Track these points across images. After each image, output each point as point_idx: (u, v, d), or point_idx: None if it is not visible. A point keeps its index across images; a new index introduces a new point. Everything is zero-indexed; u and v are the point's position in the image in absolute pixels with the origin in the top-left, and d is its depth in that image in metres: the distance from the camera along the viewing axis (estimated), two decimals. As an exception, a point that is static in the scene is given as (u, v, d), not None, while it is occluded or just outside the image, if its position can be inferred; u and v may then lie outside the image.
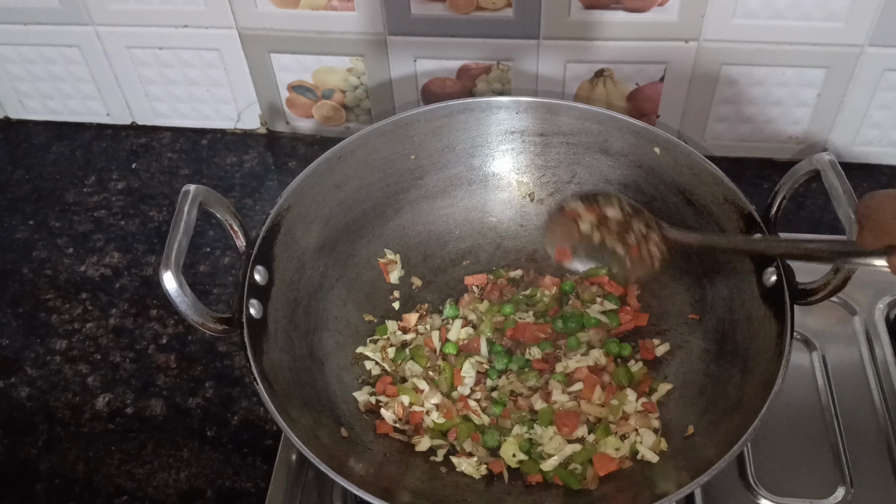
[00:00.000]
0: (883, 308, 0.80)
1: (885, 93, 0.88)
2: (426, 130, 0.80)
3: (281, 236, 0.71)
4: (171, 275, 0.59)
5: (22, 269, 0.90)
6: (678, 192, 0.76)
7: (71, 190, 0.98)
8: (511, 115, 0.81)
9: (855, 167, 0.94)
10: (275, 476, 0.71)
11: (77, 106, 1.03)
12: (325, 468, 0.58)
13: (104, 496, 0.72)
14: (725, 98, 0.90)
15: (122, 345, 0.83)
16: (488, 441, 0.70)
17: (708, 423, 0.66)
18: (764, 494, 0.68)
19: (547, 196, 0.84)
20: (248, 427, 0.76)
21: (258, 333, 0.66)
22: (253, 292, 0.67)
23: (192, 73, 0.96)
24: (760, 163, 0.96)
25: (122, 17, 0.92)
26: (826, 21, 0.82)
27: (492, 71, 0.91)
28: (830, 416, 0.73)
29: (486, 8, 0.85)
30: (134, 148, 1.02)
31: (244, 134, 1.03)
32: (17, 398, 0.79)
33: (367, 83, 0.94)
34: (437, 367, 0.75)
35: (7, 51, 0.98)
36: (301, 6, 0.88)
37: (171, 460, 0.74)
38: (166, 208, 0.95)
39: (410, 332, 0.78)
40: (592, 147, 0.81)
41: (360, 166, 0.78)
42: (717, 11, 0.82)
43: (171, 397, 0.79)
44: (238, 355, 0.81)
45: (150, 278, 0.88)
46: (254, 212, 0.94)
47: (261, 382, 0.62)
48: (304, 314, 0.73)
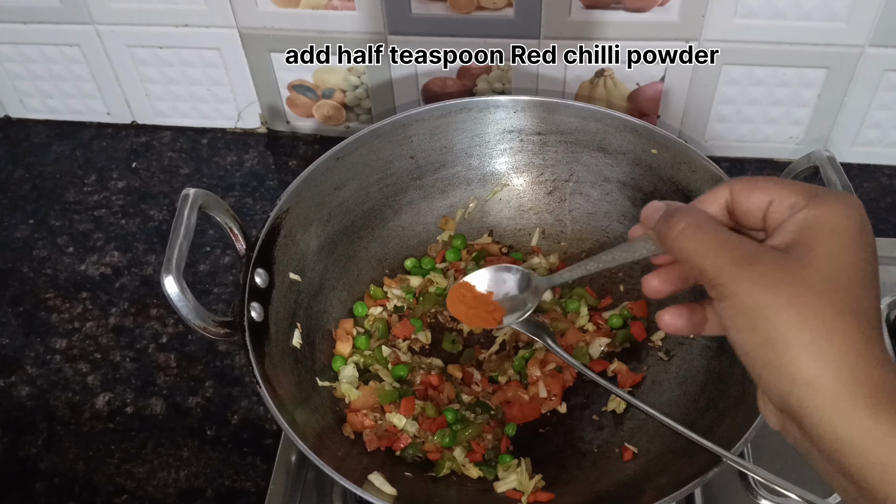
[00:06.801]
0: (883, 308, 0.80)
1: (886, 93, 0.88)
2: (424, 131, 0.80)
3: (281, 238, 0.71)
4: (173, 279, 0.59)
5: (22, 268, 0.90)
6: (677, 190, 0.76)
7: (71, 189, 0.98)
8: (509, 115, 0.81)
9: (855, 167, 0.94)
10: (275, 476, 0.71)
11: (77, 105, 1.03)
12: (326, 468, 0.59)
13: (104, 495, 0.73)
14: (726, 98, 0.90)
15: (122, 344, 0.83)
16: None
17: (709, 421, 0.67)
18: (764, 495, 0.68)
19: (546, 195, 0.84)
20: (248, 426, 0.76)
21: (259, 336, 0.66)
22: (254, 295, 0.67)
23: (193, 72, 0.96)
24: (760, 163, 0.96)
25: (123, 16, 0.92)
26: (827, 21, 0.82)
27: (492, 71, 0.91)
28: (830, 416, 0.73)
29: (486, 7, 0.85)
30: (134, 147, 1.02)
31: (244, 133, 1.03)
32: (17, 397, 0.80)
33: (368, 83, 0.94)
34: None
35: (7, 50, 0.98)
36: (301, 5, 0.87)
37: (170, 459, 0.75)
38: (166, 207, 0.95)
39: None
40: (590, 145, 0.81)
41: (359, 167, 0.78)
42: (717, 11, 0.82)
43: (171, 396, 0.79)
44: (238, 354, 0.81)
45: (151, 277, 0.89)
46: (254, 211, 0.94)
47: (263, 385, 0.62)
48: (304, 316, 0.74)
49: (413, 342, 0.77)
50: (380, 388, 0.72)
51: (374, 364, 0.75)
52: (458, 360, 0.76)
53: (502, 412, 0.72)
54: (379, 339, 0.77)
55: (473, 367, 0.75)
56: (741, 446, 0.58)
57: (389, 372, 0.74)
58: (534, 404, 0.73)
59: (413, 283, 0.80)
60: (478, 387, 0.74)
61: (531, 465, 0.69)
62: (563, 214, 0.84)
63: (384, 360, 0.75)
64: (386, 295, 0.80)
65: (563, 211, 0.84)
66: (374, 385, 0.73)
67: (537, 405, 0.73)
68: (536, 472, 0.68)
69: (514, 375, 0.75)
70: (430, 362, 0.76)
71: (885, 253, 0.84)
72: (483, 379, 0.74)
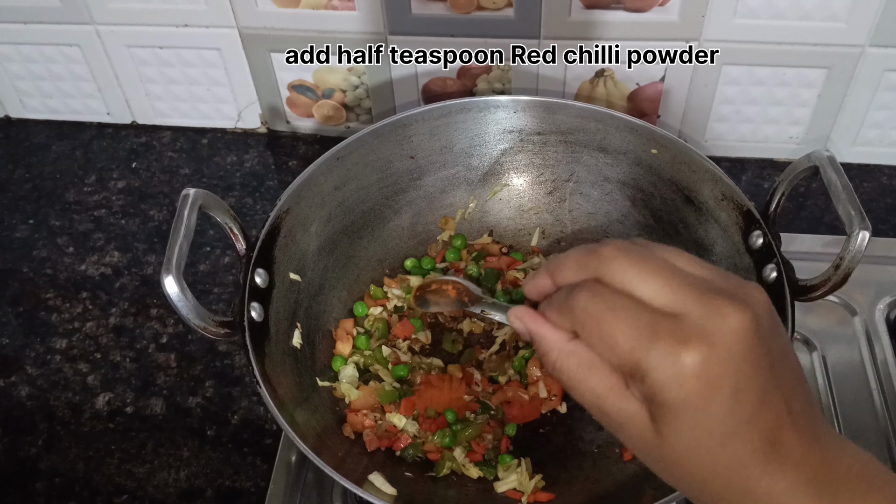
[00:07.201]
0: (883, 308, 0.80)
1: (886, 93, 0.88)
2: (424, 131, 0.80)
3: (281, 239, 0.71)
4: (173, 279, 0.59)
5: (22, 269, 0.90)
6: (677, 190, 0.76)
7: (71, 189, 0.98)
8: (509, 115, 0.81)
9: (855, 167, 0.94)
10: (275, 476, 0.71)
11: (77, 105, 1.03)
12: (326, 468, 0.59)
13: (104, 495, 0.73)
14: (726, 98, 0.90)
15: (122, 344, 0.83)
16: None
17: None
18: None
19: (546, 195, 0.84)
20: (248, 426, 0.76)
21: (260, 336, 0.66)
22: (254, 295, 0.67)
23: (193, 72, 0.96)
24: (761, 163, 0.96)
25: (123, 16, 0.92)
26: (827, 21, 0.82)
27: (492, 71, 0.91)
28: (830, 416, 0.73)
29: (486, 7, 0.85)
30: (134, 147, 1.02)
31: (244, 133, 1.03)
32: (17, 397, 0.80)
33: (368, 83, 0.94)
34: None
35: (7, 50, 0.98)
36: (301, 5, 0.87)
37: (170, 459, 0.75)
38: (166, 208, 0.95)
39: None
40: (590, 145, 0.81)
41: (359, 167, 0.78)
42: (717, 11, 0.82)
43: (171, 396, 0.79)
44: (238, 354, 0.81)
45: (151, 277, 0.89)
46: (254, 211, 0.94)
47: (263, 385, 0.62)
48: (304, 316, 0.74)
49: (413, 342, 0.77)
50: (380, 388, 0.72)
51: (374, 364, 0.75)
52: (458, 360, 0.76)
53: (502, 412, 0.72)
54: (379, 339, 0.77)
55: (473, 367, 0.75)
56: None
57: (389, 372, 0.74)
58: (534, 404, 0.73)
59: (413, 283, 0.80)
60: (478, 387, 0.74)
61: (531, 465, 0.69)
62: (563, 214, 0.84)
63: (384, 360, 0.75)
64: (386, 295, 0.80)
65: (563, 211, 0.84)
66: (374, 385, 0.73)
67: (537, 405, 0.73)
68: (536, 472, 0.68)
69: (515, 375, 0.75)
70: (430, 362, 0.76)
71: (885, 253, 0.84)
72: (483, 379, 0.74)
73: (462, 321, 0.79)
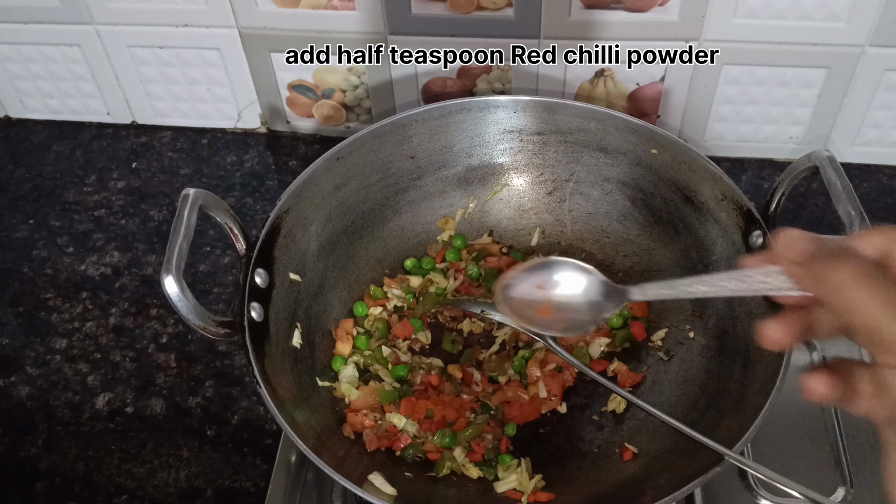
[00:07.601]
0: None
1: (886, 93, 0.88)
2: (424, 131, 0.80)
3: (280, 239, 0.71)
4: (173, 279, 0.59)
5: (22, 269, 0.90)
6: (677, 190, 0.76)
7: (71, 189, 0.98)
8: (509, 115, 0.81)
9: (855, 167, 0.94)
10: (275, 476, 0.71)
11: (77, 105, 1.03)
12: (326, 468, 0.59)
13: (104, 495, 0.73)
14: (726, 98, 0.90)
15: (122, 344, 0.83)
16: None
17: (709, 421, 0.66)
18: (764, 495, 0.68)
19: (546, 195, 0.84)
20: (248, 426, 0.76)
21: (260, 336, 0.66)
22: (254, 295, 0.67)
23: (193, 72, 0.96)
24: (761, 163, 0.96)
25: (123, 16, 0.92)
26: (827, 21, 0.82)
27: (492, 71, 0.91)
28: (830, 416, 0.73)
29: (486, 7, 0.85)
30: (134, 147, 1.02)
31: (244, 133, 1.03)
32: (17, 397, 0.80)
33: (368, 83, 0.94)
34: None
35: (7, 50, 0.98)
36: (301, 5, 0.87)
37: (170, 459, 0.75)
38: (166, 208, 0.95)
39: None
40: (590, 145, 0.81)
41: (359, 168, 0.78)
42: (717, 11, 0.82)
43: (171, 396, 0.79)
44: (238, 354, 0.81)
45: (151, 277, 0.89)
46: (254, 211, 0.94)
47: (263, 385, 0.62)
48: (304, 316, 0.74)
49: (413, 342, 0.77)
50: (380, 388, 0.72)
51: (374, 364, 0.75)
52: (458, 360, 0.76)
53: (502, 412, 0.72)
54: (379, 339, 0.77)
55: (473, 367, 0.75)
56: (742, 445, 0.58)
57: (389, 372, 0.74)
58: (534, 404, 0.73)
59: (413, 283, 0.80)
60: (478, 387, 0.74)
61: (531, 465, 0.69)
62: (563, 214, 0.84)
63: (384, 360, 0.75)
64: (386, 295, 0.80)
65: (563, 211, 0.84)
66: (374, 385, 0.73)
67: (537, 405, 0.73)
68: (536, 472, 0.68)
69: (514, 375, 0.75)
70: (430, 362, 0.76)
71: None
72: (483, 379, 0.74)
73: (462, 321, 0.79)
